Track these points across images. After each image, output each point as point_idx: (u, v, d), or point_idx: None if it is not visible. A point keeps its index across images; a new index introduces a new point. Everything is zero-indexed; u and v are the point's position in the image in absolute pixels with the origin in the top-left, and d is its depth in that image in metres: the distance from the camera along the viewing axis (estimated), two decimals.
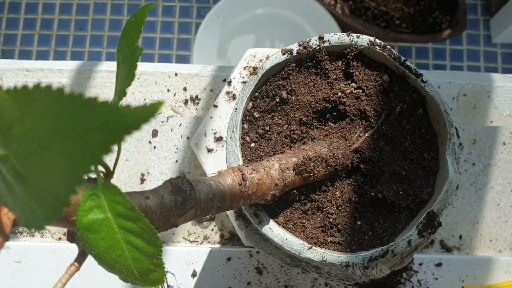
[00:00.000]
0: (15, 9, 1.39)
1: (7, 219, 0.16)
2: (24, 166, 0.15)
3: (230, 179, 0.30)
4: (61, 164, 0.14)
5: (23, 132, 0.15)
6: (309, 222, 0.36)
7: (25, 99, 0.15)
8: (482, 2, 1.40)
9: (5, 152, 0.15)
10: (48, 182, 0.15)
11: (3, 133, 0.15)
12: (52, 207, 0.15)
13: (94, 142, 0.14)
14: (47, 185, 0.15)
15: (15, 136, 0.15)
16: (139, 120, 0.14)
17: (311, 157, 0.34)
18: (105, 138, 0.14)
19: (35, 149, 0.15)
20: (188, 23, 1.39)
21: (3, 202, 0.16)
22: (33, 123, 0.15)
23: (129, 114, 0.14)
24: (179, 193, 0.26)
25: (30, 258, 0.52)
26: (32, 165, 0.15)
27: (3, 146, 0.15)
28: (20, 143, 0.15)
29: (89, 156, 0.14)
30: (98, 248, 0.20)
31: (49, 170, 0.15)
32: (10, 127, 0.15)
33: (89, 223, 0.19)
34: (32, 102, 0.15)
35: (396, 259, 0.36)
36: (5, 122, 0.15)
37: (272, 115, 0.38)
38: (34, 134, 0.15)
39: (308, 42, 0.38)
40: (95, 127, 0.14)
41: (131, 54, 0.23)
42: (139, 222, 0.21)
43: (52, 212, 0.15)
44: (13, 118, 0.15)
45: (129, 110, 0.14)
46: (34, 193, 0.15)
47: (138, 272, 0.21)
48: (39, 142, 0.15)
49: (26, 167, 0.15)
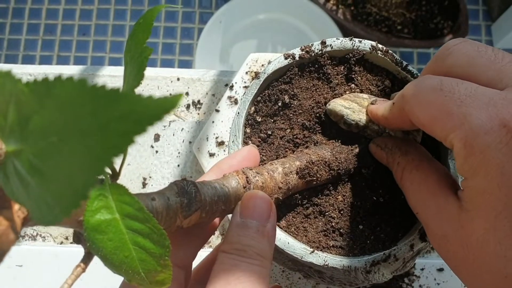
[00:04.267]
0: (18, 14, 1.40)
1: (18, 217, 0.16)
2: (41, 160, 0.15)
3: (234, 181, 0.30)
4: (81, 157, 0.14)
5: (42, 125, 0.15)
6: (311, 226, 0.36)
7: (45, 91, 0.15)
8: (484, 7, 1.41)
9: (20, 147, 0.15)
10: (66, 175, 0.15)
11: (20, 128, 0.15)
12: (69, 201, 0.14)
13: (117, 132, 0.14)
14: (65, 178, 0.15)
15: (32, 130, 0.15)
16: (161, 111, 0.14)
17: (314, 161, 0.34)
18: (128, 129, 0.14)
19: (54, 142, 0.14)
20: (191, 28, 1.40)
21: (16, 198, 0.16)
22: (53, 116, 0.15)
23: (152, 104, 0.14)
24: (184, 195, 0.26)
25: (32, 262, 0.52)
26: (50, 159, 0.15)
27: (18, 141, 0.15)
28: (38, 137, 0.15)
29: (111, 147, 0.14)
30: (105, 249, 0.20)
31: (68, 163, 0.14)
32: (27, 121, 0.15)
33: (96, 224, 0.19)
34: (52, 94, 0.15)
35: (399, 264, 0.36)
36: (22, 116, 0.15)
37: (275, 119, 0.38)
38: (54, 127, 0.15)
39: (310, 47, 0.38)
40: (118, 117, 0.14)
41: (140, 55, 0.23)
42: (147, 222, 0.20)
43: (69, 205, 0.14)
44: (31, 111, 0.15)
45: (152, 100, 0.14)
46: (51, 187, 0.15)
47: (145, 273, 0.21)
48: (59, 134, 0.14)
49: (43, 161, 0.15)
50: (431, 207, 0.29)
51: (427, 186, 0.30)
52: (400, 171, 0.32)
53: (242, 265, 0.27)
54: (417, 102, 0.28)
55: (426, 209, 0.30)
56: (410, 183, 0.31)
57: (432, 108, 0.27)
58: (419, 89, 0.29)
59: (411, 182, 0.31)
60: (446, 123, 0.27)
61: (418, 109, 0.28)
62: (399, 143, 0.34)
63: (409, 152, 0.33)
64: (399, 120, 0.32)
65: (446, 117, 0.27)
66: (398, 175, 0.33)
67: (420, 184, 0.31)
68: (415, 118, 0.29)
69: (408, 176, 0.32)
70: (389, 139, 0.35)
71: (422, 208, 0.30)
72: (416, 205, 0.31)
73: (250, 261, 0.27)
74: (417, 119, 0.29)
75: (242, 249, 0.27)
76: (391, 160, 0.34)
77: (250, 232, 0.28)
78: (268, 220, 0.29)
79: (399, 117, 0.31)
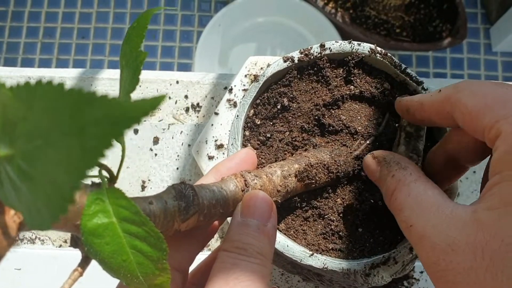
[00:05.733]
0: (18, 17, 1.40)
1: (13, 223, 0.16)
2: (29, 164, 0.15)
3: (233, 185, 0.30)
4: (64, 161, 0.14)
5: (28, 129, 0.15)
6: (310, 229, 0.36)
7: (28, 96, 0.15)
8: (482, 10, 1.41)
9: (11, 151, 0.15)
10: (52, 179, 0.14)
11: (9, 132, 0.15)
12: (57, 205, 0.14)
13: (95, 136, 0.14)
14: (51, 183, 0.15)
15: (19, 134, 0.15)
16: (139, 113, 0.14)
17: (313, 164, 0.34)
18: (105, 132, 0.14)
19: (39, 145, 0.14)
20: (190, 32, 1.40)
21: (10, 204, 0.16)
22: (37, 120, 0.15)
23: (129, 107, 0.14)
24: (182, 198, 0.26)
25: (30, 265, 0.52)
26: (37, 163, 0.15)
27: (8, 146, 0.15)
28: (25, 141, 0.15)
29: (90, 150, 0.14)
30: (102, 253, 0.20)
31: (53, 166, 0.14)
32: (15, 125, 0.15)
33: (93, 228, 0.19)
34: (35, 98, 0.15)
35: (398, 266, 0.36)
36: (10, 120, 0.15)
37: (274, 122, 0.38)
38: (38, 131, 0.15)
39: (309, 50, 0.38)
40: (94, 120, 0.14)
41: (135, 59, 0.23)
42: (144, 226, 0.20)
43: (57, 210, 0.14)
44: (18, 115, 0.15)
45: (129, 103, 0.14)
46: (39, 191, 0.15)
47: (143, 277, 0.21)
48: (43, 138, 0.14)
49: (31, 165, 0.15)
50: (434, 217, 0.26)
51: (428, 197, 0.28)
52: (394, 184, 0.30)
53: (242, 264, 0.26)
54: (471, 91, 0.27)
55: (426, 220, 0.27)
56: (407, 195, 0.29)
57: (487, 97, 0.26)
58: (478, 81, 0.28)
59: (408, 194, 0.29)
60: (499, 109, 0.25)
61: (470, 97, 0.27)
62: (398, 158, 0.33)
63: (408, 167, 0.31)
64: (436, 109, 0.31)
65: (500, 105, 0.25)
66: (390, 188, 0.31)
67: (419, 196, 0.28)
68: (461, 109, 0.27)
69: (405, 189, 0.29)
70: (389, 153, 0.34)
71: (420, 220, 0.27)
72: (411, 217, 0.28)
73: (250, 259, 0.27)
74: (465, 107, 0.27)
75: (243, 247, 0.27)
76: (385, 172, 0.32)
77: (251, 230, 0.28)
78: (269, 220, 0.29)
79: (438, 106, 0.30)
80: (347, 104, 0.38)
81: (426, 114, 0.32)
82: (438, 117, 0.31)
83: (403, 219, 0.28)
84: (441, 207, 0.27)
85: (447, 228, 0.25)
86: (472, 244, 0.23)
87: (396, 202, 0.30)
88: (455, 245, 0.24)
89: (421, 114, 0.33)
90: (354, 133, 0.37)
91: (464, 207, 0.26)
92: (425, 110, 0.32)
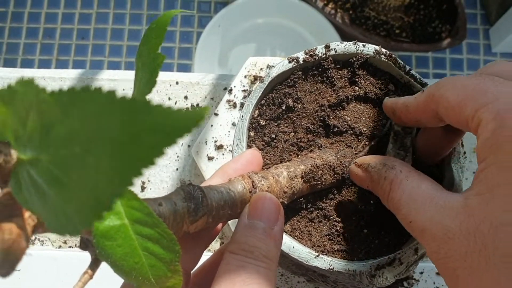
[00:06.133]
0: (18, 18, 1.40)
1: (28, 225, 0.16)
2: (61, 169, 0.15)
3: (240, 186, 0.29)
4: (107, 168, 0.14)
5: (64, 135, 0.15)
6: (315, 230, 0.35)
7: (70, 101, 0.15)
8: (482, 11, 1.41)
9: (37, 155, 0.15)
10: (89, 187, 0.14)
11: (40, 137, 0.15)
12: (92, 212, 0.14)
13: (147, 144, 0.14)
14: (88, 189, 0.14)
15: (54, 139, 0.15)
16: (190, 123, 0.15)
17: (318, 165, 0.34)
18: (159, 141, 0.14)
19: (77, 152, 0.14)
20: (190, 32, 1.40)
21: (29, 207, 0.16)
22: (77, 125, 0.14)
23: (181, 117, 0.14)
24: (191, 200, 0.25)
25: (30, 266, 0.52)
26: (72, 169, 0.15)
27: (37, 150, 0.15)
28: (59, 146, 0.15)
29: (141, 158, 0.14)
30: (114, 255, 0.19)
31: (92, 173, 0.14)
32: (48, 130, 0.15)
33: (105, 230, 0.19)
34: (77, 103, 0.14)
35: (402, 268, 0.36)
36: (43, 125, 0.15)
37: (279, 122, 0.38)
38: (77, 137, 0.15)
39: (314, 51, 0.38)
40: (149, 129, 0.14)
41: (153, 61, 0.23)
42: (157, 228, 0.20)
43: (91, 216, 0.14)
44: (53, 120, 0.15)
45: (181, 113, 0.14)
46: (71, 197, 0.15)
47: (155, 279, 0.21)
48: (83, 144, 0.14)
49: (64, 171, 0.15)
50: (430, 210, 0.27)
51: (421, 191, 0.29)
52: (388, 185, 0.31)
53: (248, 267, 0.26)
54: (452, 85, 0.28)
55: (423, 213, 0.27)
56: (401, 193, 0.29)
57: (467, 89, 0.27)
58: (458, 76, 0.29)
59: (402, 192, 0.29)
60: (479, 99, 0.25)
61: (451, 91, 0.28)
62: (383, 159, 0.33)
63: (396, 166, 0.31)
64: (422, 109, 0.31)
65: (480, 94, 0.26)
66: (385, 190, 0.31)
67: (413, 192, 0.29)
68: (444, 102, 0.28)
69: (398, 187, 0.30)
70: (371, 157, 0.34)
71: (419, 214, 0.28)
72: (410, 213, 0.28)
73: (257, 262, 0.27)
74: (447, 102, 0.28)
75: (249, 250, 0.27)
76: (376, 177, 0.32)
77: (257, 233, 0.28)
78: (276, 222, 0.29)
79: (423, 104, 0.30)
80: (352, 105, 0.38)
81: (411, 115, 0.32)
82: (424, 117, 0.31)
83: (403, 216, 0.29)
84: (435, 199, 0.27)
85: (442, 218, 0.26)
86: (465, 231, 0.24)
87: (393, 202, 0.30)
88: (451, 233, 0.25)
89: (407, 116, 0.33)
90: (359, 134, 0.37)
91: (456, 196, 0.26)
92: (410, 112, 0.32)
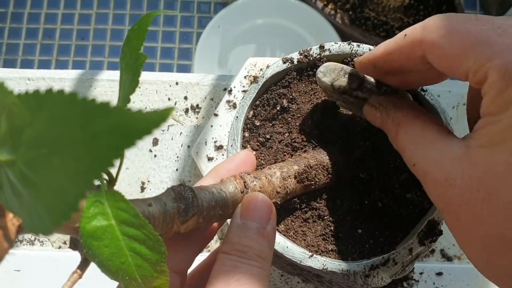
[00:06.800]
0: (17, 18, 1.40)
1: (12, 225, 0.16)
2: (32, 171, 0.15)
3: (232, 186, 0.30)
4: (70, 169, 0.14)
5: (33, 137, 0.15)
6: (310, 230, 0.36)
7: (37, 104, 0.15)
8: (481, 12, 1.41)
9: (13, 157, 0.15)
10: (56, 187, 0.15)
11: (13, 138, 0.15)
12: (60, 212, 0.14)
13: (105, 146, 0.14)
14: (55, 190, 0.15)
15: (24, 141, 0.15)
16: (150, 125, 0.15)
17: (312, 165, 0.34)
18: (117, 142, 0.14)
19: (44, 153, 0.15)
20: (189, 33, 1.40)
21: (9, 207, 0.16)
22: (44, 128, 0.15)
23: (141, 118, 0.15)
24: (181, 200, 0.26)
25: (30, 266, 0.52)
26: (41, 170, 0.15)
27: (11, 152, 0.15)
28: (29, 148, 0.15)
29: (100, 160, 0.14)
30: (101, 255, 0.20)
31: (58, 174, 0.15)
32: (20, 132, 0.15)
33: (92, 230, 0.19)
34: (43, 106, 0.15)
35: (397, 268, 0.36)
36: (15, 127, 0.15)
37: (273, 123, 0.38)
38: (44, 139, 0.15)
39: (308, 51, 0.38)
40: (107, 131, 0.14)
41: (135, 61, 0.23)
42: (143, 229, 0.21)
43: (59, 217, 0.14)
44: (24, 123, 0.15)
45: (141, 114, 0.15)
46: (42, 198, 0.15)
47: (142, 279, 0.21)
48: (49, 146, 0.14)
49: (34, 172, 0.15)
50: (431, 154, 0.27)
51: (425, 134, 0.28)
52: (395, 127, 0.30)
53: (242, 267, 0.26)
54: (446, 30, 0.26)
55: (426, 156, 0.28)
56: (406, 135, 0.30)
57: (467, 37, 0.25)
58: (449, 17, 0.26)
59: (407, 134, 0.30)
60: (483, 51, 0.24)
61: (446, 38, 0.25)
62: (394, 100, 0.32)
63: (404, 107, 0.31)
64: (406, 55, 0.29)
65: (483, 45, 0.24)
66: (392, 131, 0.31)
67: (418, 134, 0.29)
68: (437, 51, 0.26)
69: (404, 129, 0.30)
70: (384, 97, 0.33)
71: (422, 157, 0.28)
72: (413, 155, 0.28)
73: (251, 262, 0.27)
74: (440, 50, 0.26)
75: (243, 250, 0.27)
76: (385, 117, 0.32)
77: (250, 233, 0.28)
78: (269, 222, 0.29)
79: (408, 50, 0.29)
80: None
81: (396, 63, 0.31)
82: (410, 63, 0.29)
83: (407, 159, 0.29)
84: (437, 143, 0.27)
85: (444, 163, 0.26)
86: (468, 179, 0.25)
87: (399, 144, 0.30)
88: (452, 180, 0.25)
89: (391, 64, 0.31)
90: (353, 134, 0.37)
91: (458, 141, 0.26)
92: (394, 59, 0.30)
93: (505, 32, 0.24)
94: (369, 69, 0.33)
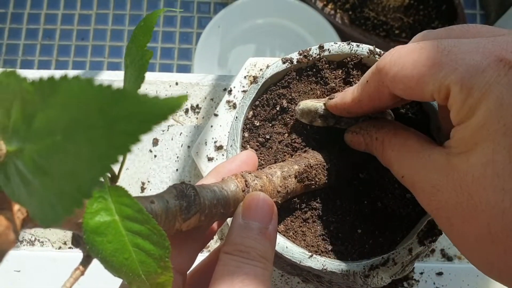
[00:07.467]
0: (17, 19, 1.40)
1: (17, 218, 0.16)
2: (45, 158, 0.15)
3: (233, 185, 0.30)
4: (86, 155, 0.14)
5: (46, 124, 0.15)
6: (309, 230, 0.36)
7: (51, 90, 0.15)
8: (481, 11, 1.41)
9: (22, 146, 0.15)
10: (70, 174, 0.15)
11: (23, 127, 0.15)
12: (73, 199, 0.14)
13: (123, 131, 0.14)
14: (69, 177, 0.15)
15: (36, 128, 0.15)
16: (166, 110, 0.15)
17: (312, 165, 0.34)
18: (134, 128, 0.14)
19: (58, 140, 0.14)
20: (189, 33, 1.40)
21: (16, 198, 0.16)
22: (58, 114, 0.15)
23: (157, 104, 0.15)
24: (183, 198, 0.26)
25: (30, 267, 0.52)
26: (54, 157, 0.15)
27: (21, 140, 0.15)
28: (42, 135, 0.15)
29: (117, 145, 0.14)
30: (104, 251, 0.19)
31: (73, 161, 0.15)
32: (31, 119, 0.15)
33: (95, 226, 0.19)
34: (58, 92, 0.15)
35: (397, 268, 0.36)
36: (26, 115, 0.15)
37: (273, 123, 0.38)
38: (58, 125, 0.15)
39: (308, 51, 0.38)
40: (124, 116, 0.14)
41: (141, 58, 0.23)
42: (147, 224, 0.20)
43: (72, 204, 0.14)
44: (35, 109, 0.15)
45: (157, 100, 0.15)
46: (54, 186, 0.15)
47: (145, 276, 0.21)
48: (64, 132, 0.14)
49: (47, 160, 0.15)
50: (416, 164, 0.29)
51: (408, 147, 0.30)
52: (380, 145, 0.32)
53: (245, 268, 0.27)
54: (400, 66, 0.28)
55: (411, 168, 0.29)
56: (391, 150, 0.31)
57: (419, 66, 0.27)
58: (398, 54, 0.28)
59: (392, 149, 0.31)
60: (437, 73, 0.26)
61: (403, 73, 0.28)
62: (372, 122, 0.34)
63: (384, 126, 0.33)
64: (376, 97, 0.31)
65: (436, 68, 0.26)
66: (379, 150, 0.33)
67: (401, 148, 0.31)
68: (399, 85, 0.28)
69: (388, 146, 0.32)
70: (362, 122, 0.35)
71: (408, 169, 0.30)
72: (401, 168, 0.30)
73: (254, 263, 0.27)
74: (402, 85, 0.28)
75: (245, 251, 0.27)
76: (368, 140, 0.34)
77: (253, 234, 0.28)
78: (270, 222, 0.29)
79: (375, 94, 0.31)
80: None
81: (367, 106, 0.33)
82: (386, 101, 0.31)
83: (395, 172, 0.31)
84: (420, 154, 0.29)
85: (429, 172, 0.28)
86: (452, 183, 0.26)
87: (386, 160, 0.32)
88: (439, 186, 0.27)
89: (364, 109, 0.33)
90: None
91: (440, 150, 0.28)
92: (365, 103, 0.32)
93: (450, 52, 0.26)
94: (344, 114, 0.35)
